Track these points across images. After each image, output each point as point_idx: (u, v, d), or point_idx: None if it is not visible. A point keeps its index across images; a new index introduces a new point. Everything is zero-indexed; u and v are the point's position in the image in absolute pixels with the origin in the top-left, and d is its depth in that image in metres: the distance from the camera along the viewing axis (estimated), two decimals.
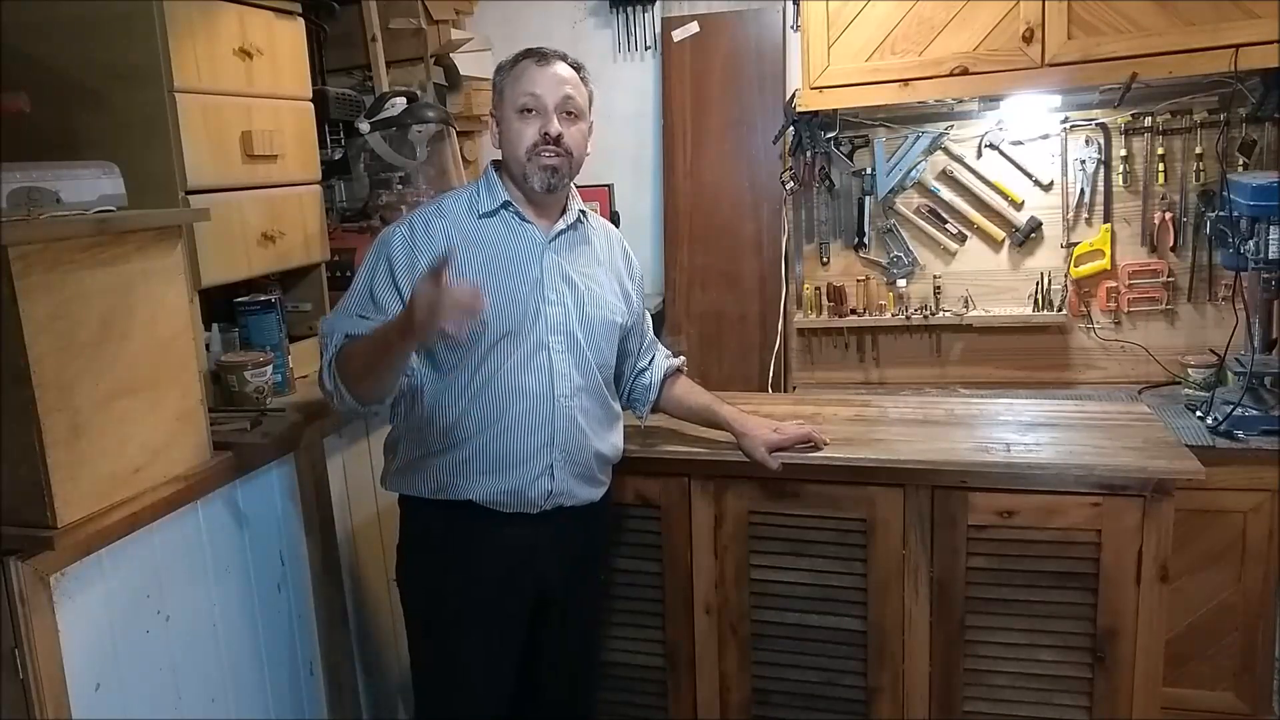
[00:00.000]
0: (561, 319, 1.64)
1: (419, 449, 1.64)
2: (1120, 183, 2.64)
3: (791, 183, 2.83)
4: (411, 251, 1.59)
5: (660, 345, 1.95)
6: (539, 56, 1.64)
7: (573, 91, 1.63)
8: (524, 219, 1.67)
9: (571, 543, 1.71)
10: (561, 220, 1.70)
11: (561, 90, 1.62)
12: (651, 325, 1.94)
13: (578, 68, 1.67)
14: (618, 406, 1.81)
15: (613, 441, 1.76)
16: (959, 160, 2.75)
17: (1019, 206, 2.73)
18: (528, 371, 1.61)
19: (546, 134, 1.60)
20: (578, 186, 3.08)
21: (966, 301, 2.78)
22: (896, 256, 2.81)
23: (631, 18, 3.07)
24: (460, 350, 1.60)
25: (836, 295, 2.86)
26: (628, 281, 1.82)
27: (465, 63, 2.86)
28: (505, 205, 1.66)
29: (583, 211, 1.75)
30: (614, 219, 3.02)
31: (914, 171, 2.76)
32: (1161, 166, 2.58)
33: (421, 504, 1.67)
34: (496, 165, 1.71)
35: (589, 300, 1.69)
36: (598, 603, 1.91)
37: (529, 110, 1.61)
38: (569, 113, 1.63)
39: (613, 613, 1.98)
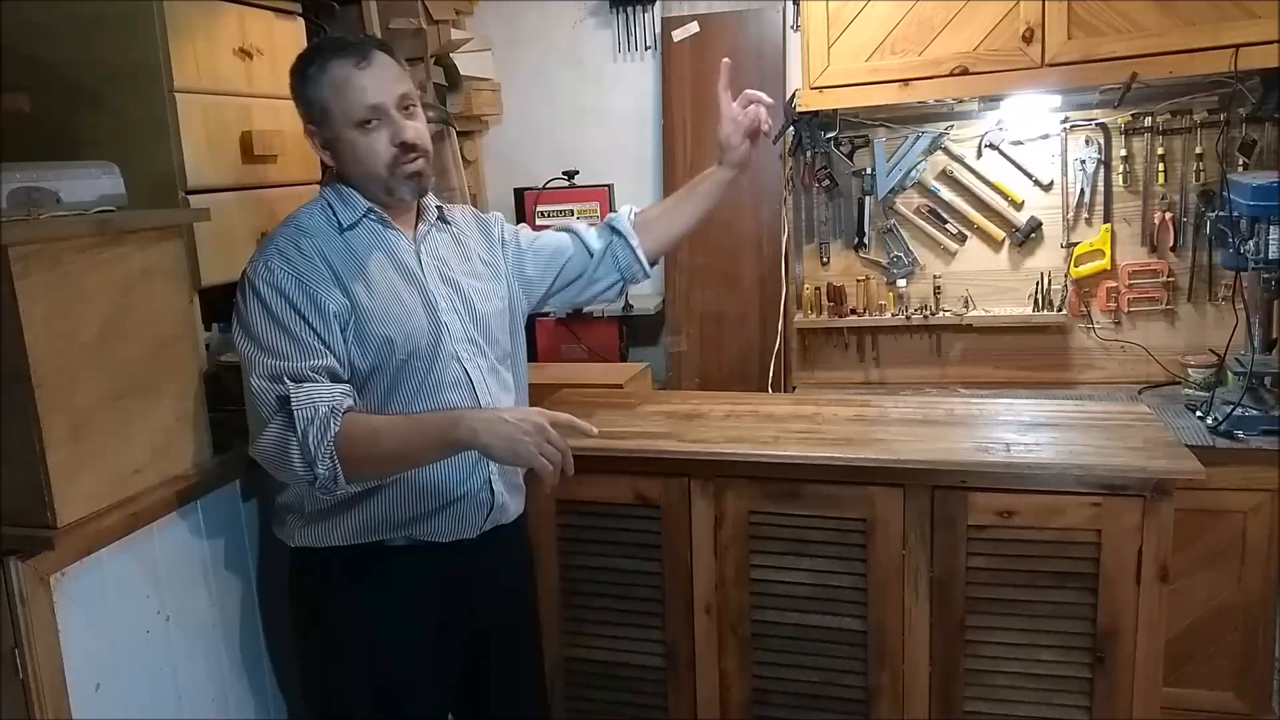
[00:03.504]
0: (459, 326, 1.56)
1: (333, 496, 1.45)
2: (1120, 183, 2.64)
3: (791, 183, 2.83)
4: (298, 279, 1.44)
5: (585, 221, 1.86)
6: (354, 57, 1.46)
7: (404, 86, 1.50)
8: (388, 225, 1.55)
9: (506, 565, 1.66)
10: (423, 222, 1.61)
11: (396, 88, 1.48)
12: (547, 228, 1.84)
13: (388, 50, 1.52)
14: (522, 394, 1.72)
15: None
16: (959, 160, 2.74)
17: (1019, 206, 2.73)
18: (447, 388, 1.52)
19: (403, 143, 1.48)
20: (579, 187, 3.11)
21: (966, 301, 2.78)
22: (896, 256, 2.81)
23: (631, 18, 3.07)
24: (363, 375, 1.48)
25: (836, 295, 2.86)
26: (495, 250, 1.71)
27: (465, 63, 2.86)
28: (368, 213, 1.53)
29: (440, 206, 1.66)
30: None
31: (914, 171, 2.76)
32: (1161, 166, 2.58)
33: (338, 552, 1.53)
34: (340, 179, 1.56)
35: (476, 296, 1.60)
36: (537, 644, 1.82)
37: (370, 122, 1.47)
38: (407, 107, 1.50)
39: (613, 613, 1.98)
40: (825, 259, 2.89)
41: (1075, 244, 2.68)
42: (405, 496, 1.51)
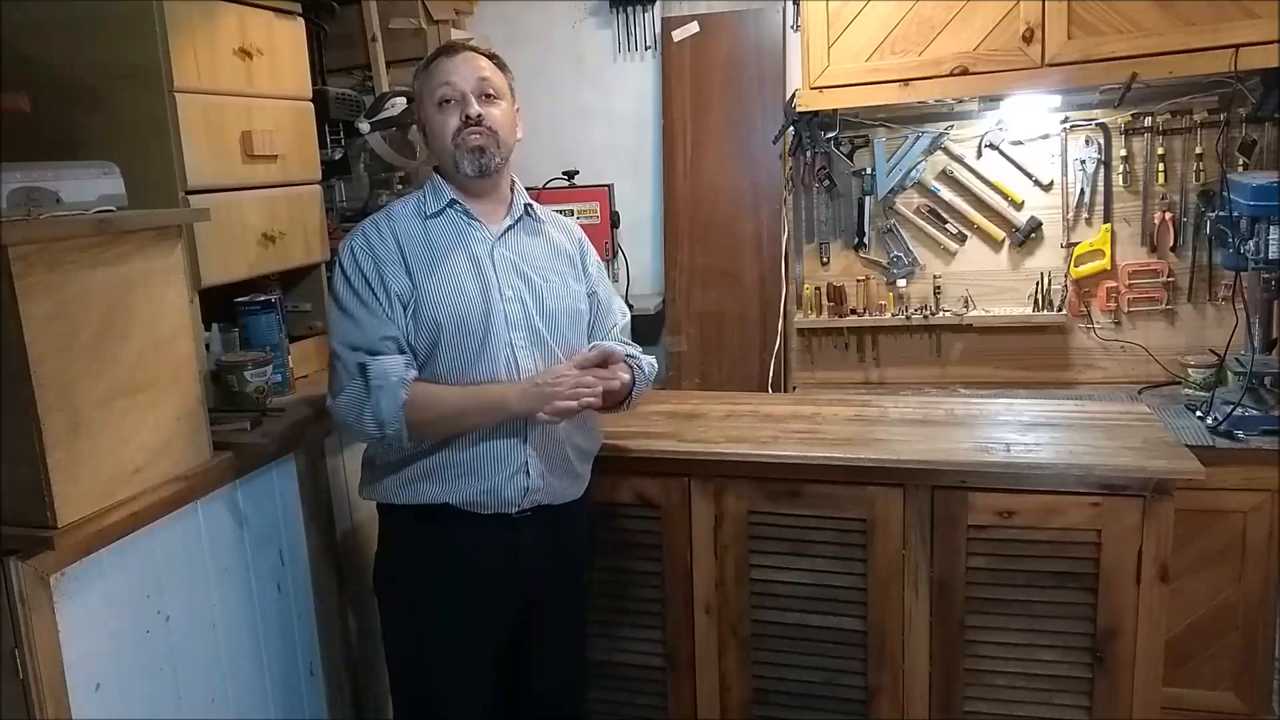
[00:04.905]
0: (520, 315, 1.63)
1: (394, 454, 1.63)
2: (1120, 183, 2.64)
3: (791, 183, 2.83)
4: (372, 258, 1.60)
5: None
6: (449, 50, 1.65)
7: (488, 74, 1.64)
8: (471, 217, 1.66)
9: (557, 544, 1.70)
10: (508, 216, 1.69)
11: (476, 74, 1.62)
12: (627, 325, 1.85)
13: (491, 55, 1.68)
14: None
15: (588, 432, 1.74)
16: (959, 160, 2.74)
17: (1019, 206, 2.73)
18: (493, 371, 1.60)
19: (467, 116, 1.60)
20: (579, 187, 3.11)
21: (966, 301, 2.78)
22: (896, 256, 2.81)
23: (631, 18, 3.07)
24: (415, 351, 1.61)
25: (836, 295, 2.86)
26: (584, 276, 1.78)
27: None
28: (451, 204, 1.65)
29: (529, 205, 1.73)
30: (614, 219, 3.02)
31: (914, 171, 2.76)
32: (1161, 166, 2.58)
33: (399, 509, 1.66)
34: (437, 170, 1.70)
35: (548, 293, 1.67)
36: (584, 604, 1.88)
37: (446, 101, 1.61)
38: (487, 95, 1.63)
39: (613, 613, 1.98)
40: (825, 259, 2.89)
41: (1075, 244, 2.68)
42: (447, 466, 1.61)
